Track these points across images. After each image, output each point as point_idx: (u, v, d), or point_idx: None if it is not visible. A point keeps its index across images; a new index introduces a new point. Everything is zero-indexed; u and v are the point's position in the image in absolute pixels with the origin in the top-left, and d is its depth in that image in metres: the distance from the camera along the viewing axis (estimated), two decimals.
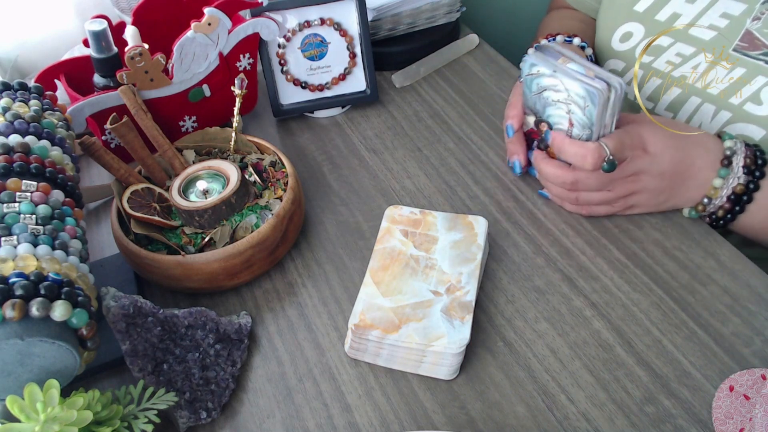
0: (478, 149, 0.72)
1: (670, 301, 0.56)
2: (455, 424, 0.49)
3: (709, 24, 0.63)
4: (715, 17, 0.63)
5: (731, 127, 0.63)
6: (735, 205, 0.57)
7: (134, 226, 0.57)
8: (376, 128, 0.76)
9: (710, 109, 0.64)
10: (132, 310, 0.48)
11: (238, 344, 0.53)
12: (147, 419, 0.45)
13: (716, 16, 0.63)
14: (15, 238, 0.43)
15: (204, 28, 0.64)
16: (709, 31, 0.63)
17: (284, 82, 0.76)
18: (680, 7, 0.65)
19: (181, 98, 0.68)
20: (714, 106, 0.64)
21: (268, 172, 0.63)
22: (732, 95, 0.62)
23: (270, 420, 0.50)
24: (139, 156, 0.61)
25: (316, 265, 0.62)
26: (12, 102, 0.53)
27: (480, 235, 0.57)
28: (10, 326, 0.39)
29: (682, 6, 0.65)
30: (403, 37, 0.85)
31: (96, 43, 0.61)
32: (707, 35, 0.64)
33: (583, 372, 0.51)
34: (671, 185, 0.58)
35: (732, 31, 0.61)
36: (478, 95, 0.80)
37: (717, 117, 0.64)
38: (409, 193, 0.68)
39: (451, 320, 0.51)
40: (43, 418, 0.39)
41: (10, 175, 0.47)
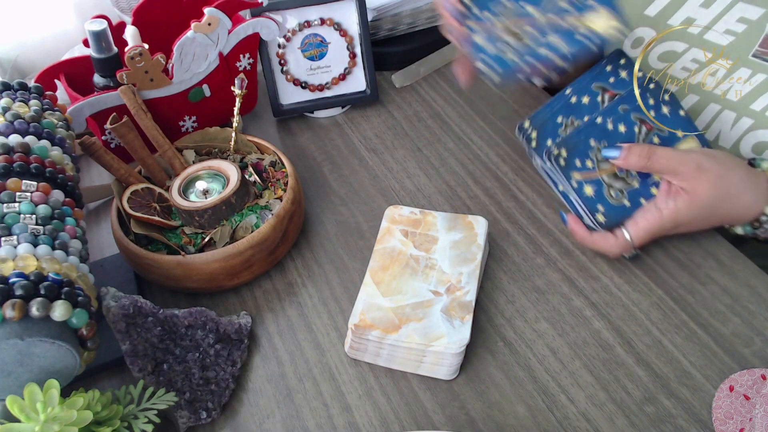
0: (478, 149, 0.72)
1: (670, 301, 0.56)
2: (455, 424, 0.49)
3: (725, 29, 0.61)
4: (732, 22, 0.61)
5: (753, 134, 0.62)
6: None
7: (134, 226, 0.57)
8: (376, 128, 0.76)
9: (730, 116, 0.63)
10: (132, 310, 0.48)
11: (238, 344, 0.53)
12: (147, 419, 0.45)
13: (733, 20, 0.61)
14: (15, 238, 0.43)
15: (204, 28, 0.64)
16: (727, 36, 0.61)
17: (284, 82, 0.76)
18: (695, 11, 0.63)
19: (181, 98, 0.68)
20: (734, 113, 0.62)
21: (268, 172, 0.63)
22: (753, 101, 0.60)
23: (270, 420, 0.50)
24: (139, 156, 0.61)
25: (316, 265, 0.62)
26: (12, 102, 0.53)
27: (480, 235, 0.57)
28: (10, 326, 0.39)
29: (697, 10, 0.63)
30: (403, 37, 0.85)
31: (96, 43, 0.61)
32: (724, 41, 0.62)
33: (583, 372, 0.51)
34: (715, 221, 0.57)
35: (751, 37, 0.60)
36: (478, 95, 0.80)
37: (738, 124, 0.62)
38: (409, 193, 0.68)
39: (451, 320, 0.51)
40: (43, 418, 0.39)
41: (10, 175, 0.47)
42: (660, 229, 0.55)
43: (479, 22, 0.56)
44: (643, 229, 0.55)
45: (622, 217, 0.57)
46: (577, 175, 0.57)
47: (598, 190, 0.57)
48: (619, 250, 0.57)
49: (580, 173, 0.57)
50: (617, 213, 0.57)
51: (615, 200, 0.57)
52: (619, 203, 0.57)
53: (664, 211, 0.55)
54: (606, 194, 0.57)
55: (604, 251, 0.58)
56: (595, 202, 0.57)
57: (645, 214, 0.56)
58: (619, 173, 0.57)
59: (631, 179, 0.57)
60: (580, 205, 0.57)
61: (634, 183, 0.57)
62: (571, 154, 0.57)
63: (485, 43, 0.56)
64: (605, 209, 0.57)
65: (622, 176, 0.57)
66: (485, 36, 0.56)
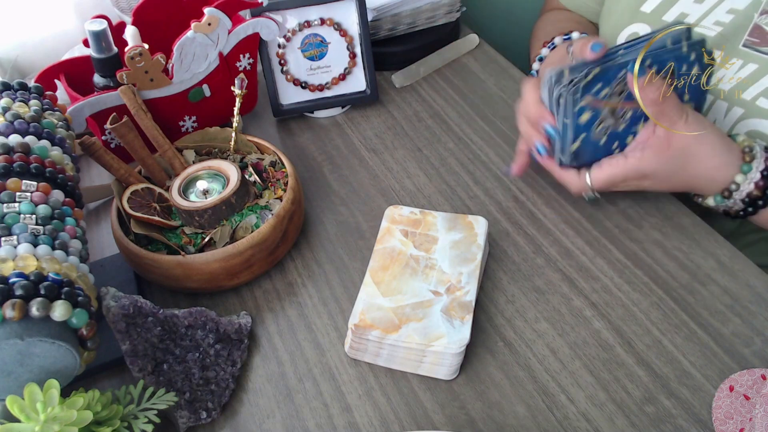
0: (478, 149, 0.72)
1: (670, 301, 0.56)
2: (455, 424, 0.49)
3: (714, 21, 0.62)
4: (722, 13, 0.62)
5: (744, 123, 0.62)
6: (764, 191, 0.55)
7: (134, 226, 0.57)
8: (376, 128, 0.76)
9: (722, 106, 0.64)
10: (132, 310, 0.49)
11: (238, 344, 0.53)
12: (147, 419, 0.45)
13: (723, 12, 0.62)
14: (15, 238, 0.43)
15: (204, 28, 0.64)
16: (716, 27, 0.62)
17: (284, 82, 0.76)
18: (688, 6, 0.64)
19: (181, 98, 0.68)
20: (726, 103, 0.64)
21: (268, 172, 0.63)
22: (743, 91, 0.61)
23: (270, 420, 0.50)
24: (139, 156, 0.61)
25: (316, 265, 0.62)
26: (12, 102, 0.53)
27: (480, 235, 0.57)
28: (10, 326, 0.39)
29: (690, 6, 0.64)
30: (403, 37, 0.85)
31: (96, 43, 0.61)
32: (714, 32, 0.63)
33: (583, 372, 0.51)
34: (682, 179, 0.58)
35: (739, 27, 0.60)
36: (478, 95, 0.80)
37: (729, 114, 0.64)
38: (409, 193, 0.68)
39: (451, 320, 0.51)
40: (43, 418, 0.39)
41: (10, 175, 0.47)
42: (623, 176, 0.57)
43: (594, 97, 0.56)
44: (605, 173, 0.57)
45: (592, 151, 0.58)
46: (589, 98, 0.56)
47: (591, 120, 0.57)
48: (578, 189, 0.59)
49: (593, 97, 0.57)
50: (590, 147, 0.57)
51: (596, 135, 0.57)
52: (598, 139, 0.58)
53: (630, 158, 0.56)
54: (594, 126, 0.57)
55: (567, 186, 0.60)
56: (582, 130, 0.57)
57: (610, 160, 0.58)
58: (618, 112, 0.57)
59: (621, 122, 0.57)
60: (564, 131, 0.57)
61: (620, 126, 0.57)
62: (596, 77, 0.56)
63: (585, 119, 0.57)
64: (584, 139, 0.57)
65: (618, 116, 0.57)
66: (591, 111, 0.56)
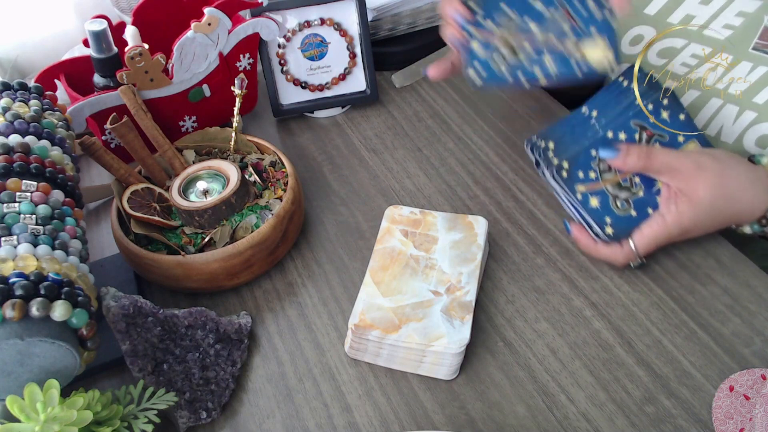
0: (478, 149, 0.72)
1: (670, 301, 0.56)
2: (455, 424, 0.49)
3: (724, 24, 0.61)
4: (731, 16, 0.61)
5: (757, 127, 0.62)
6: None
7: (134, 226, 0.57)
8: (376, 128, 0.76)
9: (733, 111, 0.63)
10: (132, 310, 0.48)
11: (238, 344, 0.53)
12: (147, 419, 0.45)
13: (732, 15, 0.61)
14: (15, 238, 0.43)
15: (204, 28, 0.64)
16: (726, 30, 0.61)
17: (284, 82, 0.76)
18: (694, 8, 0.63)
19: (181, 98, 0.68)
20: (737, 107, 0.62)
21: (268, 172, 0.63)
22: (755, 95, 0.60)
23: (270, 420, 0.50)
24: (139, 156, 0.61)
25: (316, 265, 0.62)
26: (12, 102, 0.53)
27: (480, 235, 0.57)
28: (10, 326, 0.39)
29: (696, 7, 0.63)
30: (403, 37, 0.85)
31: (96, 43, 0.61)
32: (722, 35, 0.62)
33: (583, 372, 0.51)
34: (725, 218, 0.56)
35: (750, 30, 0.59)
36: (478, 95, 0.80)
37: (741, 118, 0.62)
38: (409, 193, 0.68)
39: (451, 320, 0.51)
40: (43, 418, 0.39)
41: (10, 175, 0.47)
42: (667, 236, 0.55)
43: (480, 29, 0.56)
44: (648, 237, 0.55)
45: (631, 227, 0.56)
46: (582, 187, 0.57)
47: (604, 202, 0.57)
48: (625, 260, 0.56)
49: (584, 185, 0.57)
50: (625, 223, 0.56)
51: (621, 211, 0.56)
52: (626, 213, 0.56)
53: (668, 217, 0.54)
54: (612, 205, 0.56)
55: (610, 261, 0.57)
56: (603, 215, 0.56)
57: (650, 223, 0.55)
58: (623, 183, 0.57)
59: (636, 188, 0.57)
60: (588, 218, 0.57)
61: (640, 192, 0.57)
62: (573, 167, 0.57)
63: (480, 50, 0.56)
64: (612, 220, 0.56)
65: (626, 186, 0.57)
66: (482, 43, 0.56)
